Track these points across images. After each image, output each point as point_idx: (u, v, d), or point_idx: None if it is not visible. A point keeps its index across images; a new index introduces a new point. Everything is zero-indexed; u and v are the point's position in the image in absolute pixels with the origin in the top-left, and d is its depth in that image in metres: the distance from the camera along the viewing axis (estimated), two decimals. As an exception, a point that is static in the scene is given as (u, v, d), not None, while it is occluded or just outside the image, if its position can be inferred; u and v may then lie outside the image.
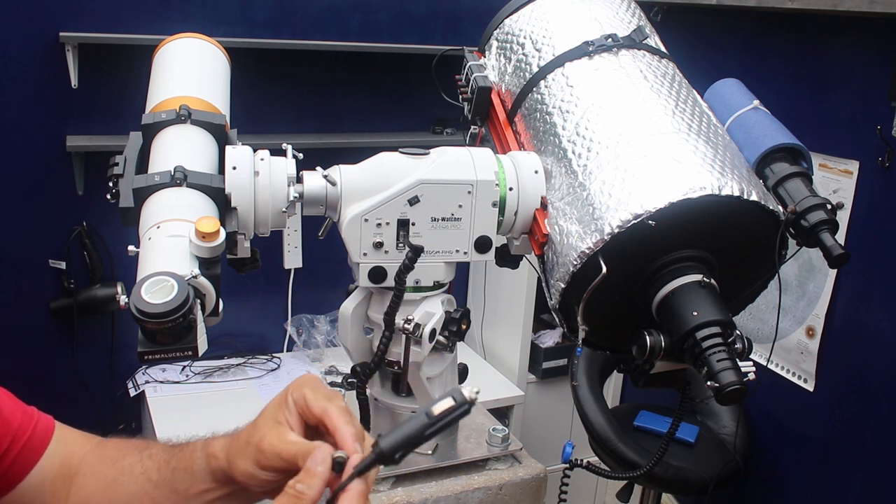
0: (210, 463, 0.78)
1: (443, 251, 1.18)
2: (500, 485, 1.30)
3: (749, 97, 1.23)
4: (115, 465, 0.87)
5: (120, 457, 0.88)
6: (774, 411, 2.39)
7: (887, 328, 2.04)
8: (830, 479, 2.25)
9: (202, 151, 1.10)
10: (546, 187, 1.17)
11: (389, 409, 1.29)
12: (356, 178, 1.15)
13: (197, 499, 0.80)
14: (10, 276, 2.52)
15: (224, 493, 0.79)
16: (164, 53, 1.28)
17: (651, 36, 1.27)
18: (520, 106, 1.27)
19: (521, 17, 1.33)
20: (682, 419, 1.29)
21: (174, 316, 0.81)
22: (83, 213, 2.52)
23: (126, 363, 2.67)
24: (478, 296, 3.02)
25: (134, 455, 0.86)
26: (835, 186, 2.11)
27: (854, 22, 2.03)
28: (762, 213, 1.06)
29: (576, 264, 1.04)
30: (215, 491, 0.79)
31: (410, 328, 1.15)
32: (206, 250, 0.91)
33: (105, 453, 0.90)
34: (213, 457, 0.78)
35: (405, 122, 2.93)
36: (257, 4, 2.61)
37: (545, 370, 2.95)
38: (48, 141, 2.44)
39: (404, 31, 2.80)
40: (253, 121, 2.52)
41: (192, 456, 0.81)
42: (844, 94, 2.11)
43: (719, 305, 1.01)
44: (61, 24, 2.34)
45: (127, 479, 0.85)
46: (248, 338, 2.84)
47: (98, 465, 0.89)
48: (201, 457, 0.79)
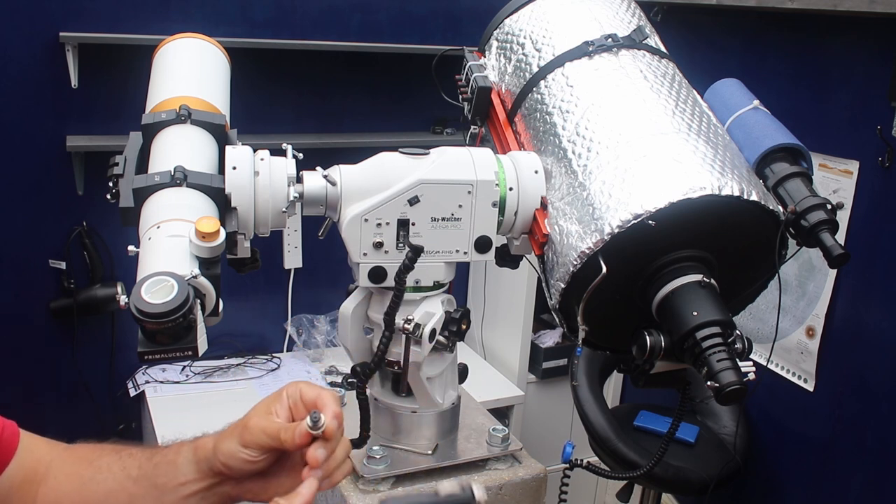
0: (196, 453, 0.82)
1: (443, 251, 1.18)
2: (500, 485, 1.29)
3: (749, 97, 1.23)
4: (91, 465, 0.88)
5: (96, 457, 0.89)
6: (774, 411, 2.39)
7: (887, 328, 2.04)
8: (830, 479, 2.25)
9: (202, 151, 1.09)
10: (546, 187, 1.17)
11: (389, 409, 1.29)
12: (356, 178, 1.15)
13: (175, 492, 0.82)
14: (10, 276, 2.52)
15: (203, 486, 0.81)
16: (164, 53, 1.28)
17: (651, 36, 1.27)
18: (520, 106, 1.27)
19: (521, 17, 1.33)
20: (682, 419, 1.28)
21: (174, 316, 0.81)
22: (83, 213, 2.52)
23: (126, 363, 2.67)
24: (478, 296, 3.02)
25: (111, 455, 0.88)
26: (835, 186, 2.11)
27: (854, 22, 2.03)
28: (762, 213, 1.06)
29: (576, 264, 1.04)
30: (195, 483, 0.81)
31: (410, 328, 1.15)
32: (206, 250, 0.91)
33: (79, 455, 0.91)
34: (200, 447, 0.82)
35: (405, 122, 2.93)
36: (257, 4, 2.61)
37: (545, 370, 2.95)
38: (48, 141, 2.44)
39: (404, 31, 2.80)
40: (253, 121, 2.52)
41: (179, 449, 0.84)
42: (844, 94, 2.11)
43: (719, 305, 1.01)
44: (61, 24, 2.35)
45: (104, 477, 0.86)
46: (248, 338, 2.84)
47: (72, 466, 0.89)
48: (188, 449, 0.83)
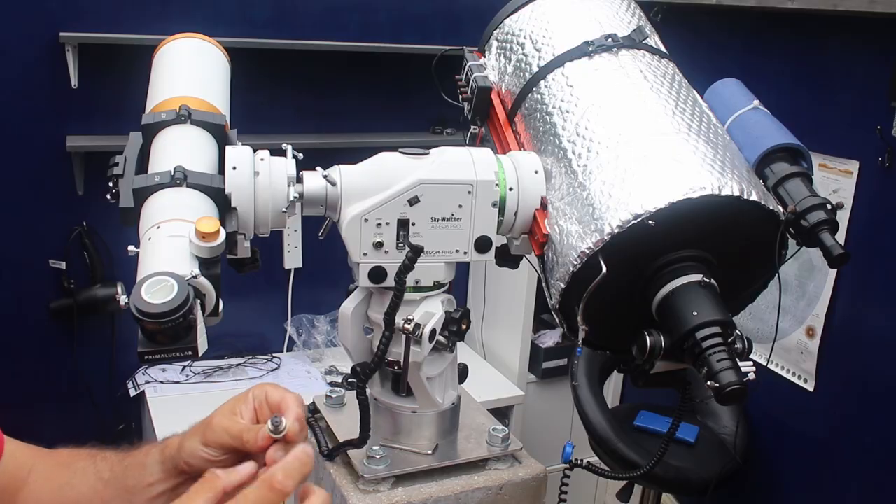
0: (163, 453, 0.82)
1: (443, 251, 1.18)
2: (500, 485, 1.29)
3: (749, 97, 1.23)
4: (67, 470, 0.88)
5: (72, 462, 0.89)
6: (774, 411, 2.39)
7: (887, 328, 2.04)
8: (830, 479, 2.25)
9: (202, 151, 1.09)
10: (546, 187, 1.17)
11: (389, 409, 1.29)
12: (356, 178, 1.15)
13: (143, 493, 0.82)
14: (10, 276, 2.52)
15: (169, 486, 0.82)
16: (164, 53, 1.28)
17: (651, 36, 1.27)
18: (520, 106, 1.27)
19: (521, 17, 1.32)
20: (682, 419, 1.29)
21: (174, 316, 0.81)
22: (83, 213, 2.52)
23: (126, 363, 2.67)
24: (478, 296, 3.02)
25: (86, 459, 0.89)
26: (835, 186, 2.11)
27: (854, 22, 2.03)
28: (762, 213, 1.06)
29: (576, 264, 1.04)
30: (162, 483, 0.82)
31: (410, 328, 1.15)
32: (206, 250, 0.91)
33: (57, 460, 0.91)
34: (167, 447, 0.82)
35: (405, 122, 2.92)
36: (257, 4, 2.61)
37: (545, 370, 2.95)
38: (48, 141, 2.44)
39: (404, 31, 2.80)
40: (253, 121, 2.52)
41: (147, 451, 0.85)
42: (844, 94, 2.11)
43: (719, 305, 1.01)
44: (61, 24, 2.34)
45: (79, 481, 0.87)
46: (248, 338, 2.84)
47: (50, 471, 0.90)
48: (157, 450, 0.84)
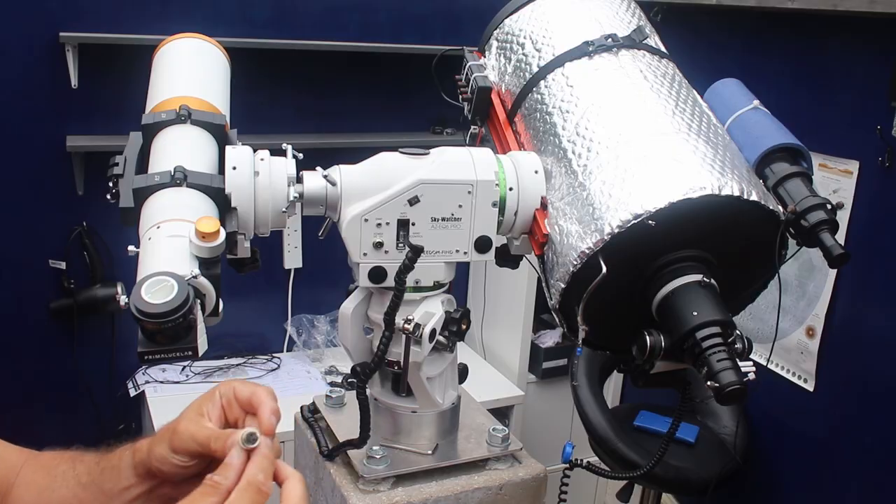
0: (134, 456, 0.82)
1: (443, 251, 1.18)
2: (500, 485, 1.29)
3: (749, 97, 1.23)
4: (48, 474, 0.88)
5: (54, 465, 0.89)
6: (774, 411, 2.39)
7: (887, 328, 2.04)
8: (830, 479, 2.25)
9: (202, 151, 1.09)
10: (546, 187, 1.17)
11: (389, 409, 1.29)
12: (356, 178, 1.15)
13: (119, 497, 0.82)
14: (10, 276, 2.52)
15: (144, 489, 0.82)
16: (164, 53, 1.28)
17: (651, 36, 1.27)
18: (520, 106, 1.27)
19: (521, 17, 1.32)
20: (682, 419, 1.28)
21: (174, 316, 0.81)
22: (83, 213, 2.52)
23: (126, 363, 2.67)
24: (478, 296, 3.02)
25: (67, 463, 0.88)
26: (835, 186, 2.11)
27: (854, 22, 2.03)
28: (762, 213, 1.06)
29: (576, 264, 1.04)
30: (136, 487, 0.82)
31: (410, 328, 1.15)
32: (206, 250, 0.91)
33: (41, 463, 0.91)
34: (137, 450, 0.82)
35: (405, 122, 2.93)
36: (257, 4, 2.61)
37: (545, 370, 2.95)
38: (48, 141, 2.44)
39: (404, 31, 2.81)
40: (253, 121, 2.52)
41: (121, 454, 0.84)
42: (844, 94, 2.11)
43: (719, 305, 1.01)
44: (61, 24, 2.35)
45: (59, 485, 0.86)
46: (248, 338, 2.84)
47: (33, 475, 0.90)
48: (129, 453, 0.83)
